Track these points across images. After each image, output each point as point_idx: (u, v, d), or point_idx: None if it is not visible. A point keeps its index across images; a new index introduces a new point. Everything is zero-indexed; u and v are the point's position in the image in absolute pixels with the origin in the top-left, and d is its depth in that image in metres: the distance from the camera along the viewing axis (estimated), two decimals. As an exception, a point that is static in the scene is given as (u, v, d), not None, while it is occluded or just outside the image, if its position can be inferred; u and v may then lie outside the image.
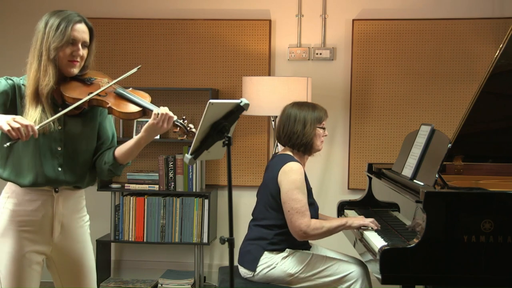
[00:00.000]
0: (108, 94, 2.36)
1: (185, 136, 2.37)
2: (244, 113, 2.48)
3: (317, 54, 4.43)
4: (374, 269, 2.60)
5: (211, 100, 2.27)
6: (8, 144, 2.12)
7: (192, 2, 4.53)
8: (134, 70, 2.43)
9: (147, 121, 2.34)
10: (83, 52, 2.32)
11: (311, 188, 3.12)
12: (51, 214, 2.34)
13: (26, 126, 2.08)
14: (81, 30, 2.31)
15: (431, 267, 2.50)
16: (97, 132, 2.45)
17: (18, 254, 2.30)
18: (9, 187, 2.34)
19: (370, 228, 2.94)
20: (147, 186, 4.36)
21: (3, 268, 2.31)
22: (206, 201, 4.30)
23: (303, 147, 3.08)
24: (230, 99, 2.69)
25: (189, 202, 4.32)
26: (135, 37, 4.51)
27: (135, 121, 4.31)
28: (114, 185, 4.42)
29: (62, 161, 2.34)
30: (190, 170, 4.30)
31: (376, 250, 2.59)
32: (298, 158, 3.09)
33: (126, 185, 4.37)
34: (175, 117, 2.31)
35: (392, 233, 2.87)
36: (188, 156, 2.34)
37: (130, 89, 2.44)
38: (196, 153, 2.34)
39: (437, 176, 2.67)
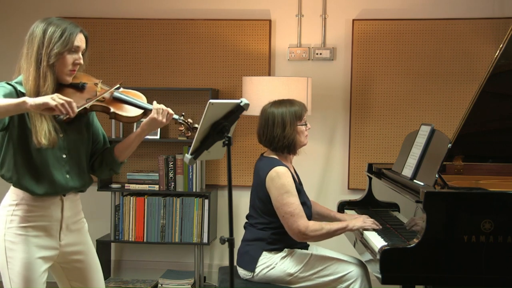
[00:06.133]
0: (106, 99, 2.38)
1: (189, 133, 2.41)
2: (244, 113, 2.48)
3: (317, 54, 4.43)
4: (374, 269, 2.60)
5: (211, 100, 2.27)
6: (63, 118, 2.12)
7: (192, 2, 4.53)
8: (116, 87, 2.43)
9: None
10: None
11: (303, 187, 3.10)
12: (59, 218, 2.37)
13: (69, 102, 2.08)
14: (82, 40, 2.35)
15: (431, 267, 2.50)
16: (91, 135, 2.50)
17: (30, 260, 2.29)
18: (16, 193, 2.32)
19: (370, 228, 2.94)
20: (147, 186, 4.36)
21: (15, 276, 2.29)
22: (206, 201, 4.30)
23: (286, 149, 3.04)
24: (230, 99, 2.70)
25: (189, 202, 4.32)
26: (135, 37, 4.51)
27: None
28: (114, 185, 4.41)
29: (69, 168, 2.37)
30: (190, 170, 4.30)
31: (376, 250, 2.59)
32: (284, 159, 3.06)
33: (126, 185, 4.37)
34: (174, 115, 2.40)
35: (392, 233, 2.86)
36: (188, 156, 2.35)
37: (121, 89, 2.44)
38: (196, 153, 2.35)
39: (437, 176, 2.67)
